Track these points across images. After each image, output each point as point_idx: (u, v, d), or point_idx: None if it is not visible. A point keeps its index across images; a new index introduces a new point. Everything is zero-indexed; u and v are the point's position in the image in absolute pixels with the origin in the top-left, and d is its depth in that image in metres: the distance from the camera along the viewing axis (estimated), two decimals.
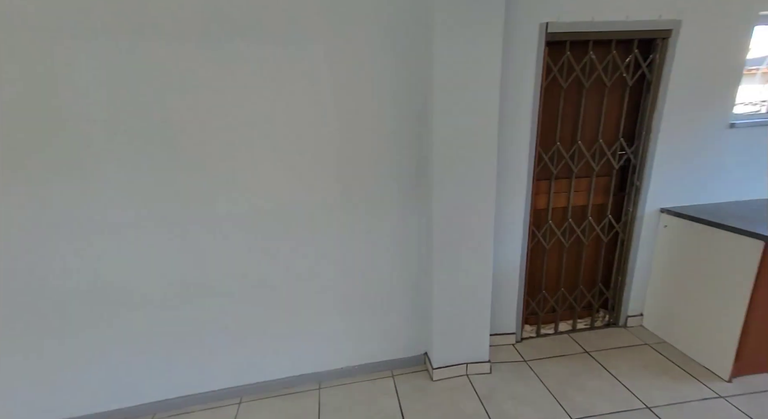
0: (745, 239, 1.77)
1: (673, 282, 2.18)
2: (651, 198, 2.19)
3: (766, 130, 2.19)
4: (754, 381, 1.88)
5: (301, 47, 1.59)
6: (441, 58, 1.59)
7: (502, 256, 2.14)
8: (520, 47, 1.83)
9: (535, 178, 2.07)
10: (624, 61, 1.99)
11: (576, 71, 1.96)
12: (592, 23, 1.84)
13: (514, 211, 2.08)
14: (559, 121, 2.05)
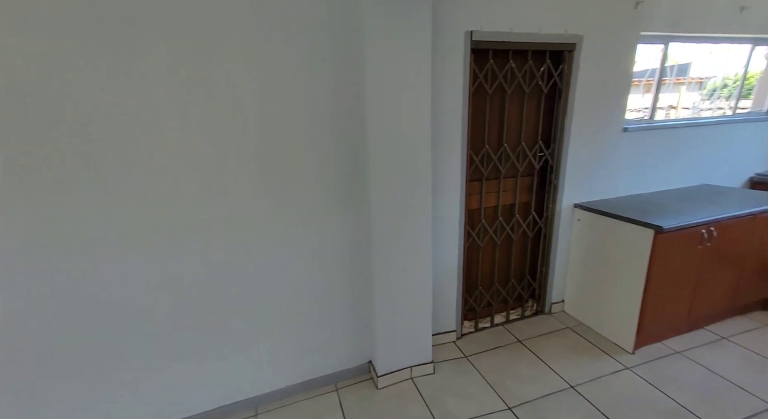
0: (640, 228, 2.05)
1: (585, 269, 2.44)
2: (566, 195, 2.44)
3: (650, 133, 2.57)
4: (651, 350, 2.19)
5: (217, 47, 1.44)
6: (372, 65, 1.57)
7: (441, 257, 2.19)
8: (448, 54, 1.89)
9: (468, 180, 2.16)
10: (539, 70, 2.17)
11: (499, 78, 2.08)
12: (510, 34, 1.97)
13: (450, 212, 2.15)
14: (487, 125, 2.17)
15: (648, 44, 2.49)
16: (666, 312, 2.18)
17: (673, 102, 3.27)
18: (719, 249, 2.17)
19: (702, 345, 2.22)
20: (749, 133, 2.95)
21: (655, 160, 2.64)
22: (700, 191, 2.65)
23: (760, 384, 1.89)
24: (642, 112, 2.80)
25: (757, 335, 2.29)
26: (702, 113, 3.09)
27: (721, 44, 2.75)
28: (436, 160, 2.00)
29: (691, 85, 3.27)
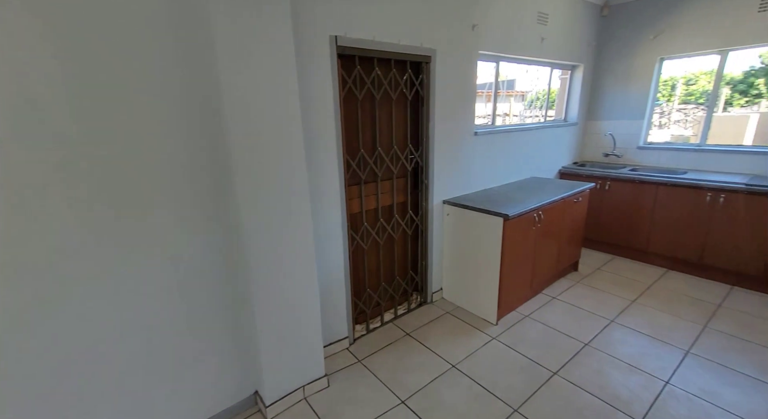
0: (492, 217, 2.43)
1: (456, 257, 2.78)
2: (436, 193, 2.71)
3: (494, 137, 3.09)
4: (509, 319, 2.64)
5: None
6: (229, 75, 1.40)
7: (327, 265, 2.15)
8: (315, 58, 1.85)
9: (347, 184, 2.18)
10: (402, 79, 2.34)
11: (367, 84, 2.16)
12: (374, 42, 2.06)
13: (332, 218, 2.13)
14: (360, 129, 2.22)
15: (485, 61, 2.98)
16: (516, 284, 2.66)
17: (507, 110, 4.02)
18: (546, 227, 2.77)
19: (541, 306, 2.80)
20: (557, 134, 3.86)
21: (499, 159, 3.19)
22: (530, 183, 3.32)
23: (578, 329, 2.48)
24: (486, 118, 3.35)
25: (572, 291, 3.01)
26: (526, 120, 3.89)
27: (533, 65, 3.50)
28: (313, 165, 1.95)
29: (517, 97, 4.08)
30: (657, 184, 3.27)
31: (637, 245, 3.51)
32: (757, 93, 8.10)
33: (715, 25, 3.18)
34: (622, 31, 3.75)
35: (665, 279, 3.17)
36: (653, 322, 2.53)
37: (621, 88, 3.87)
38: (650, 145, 3.81)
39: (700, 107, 3.68)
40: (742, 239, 2.89)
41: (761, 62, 7.54)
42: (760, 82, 7.78)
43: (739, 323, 2.48)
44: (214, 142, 1.53)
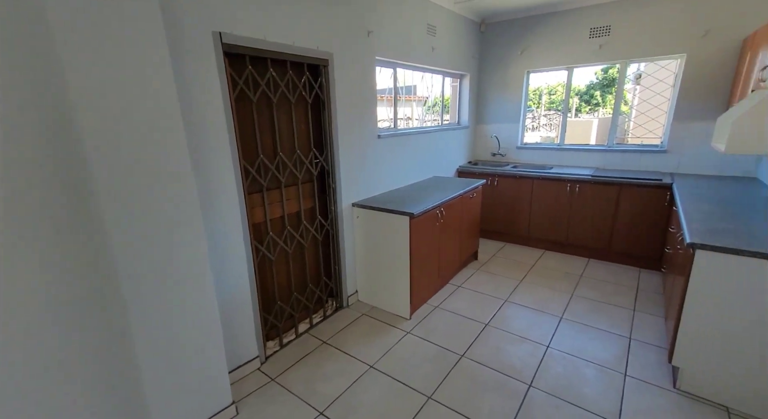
0: (400, 217, 2.55)
1: (369, 258, 2.84)
2: (345, 196, 2.72)
3: (396, 139, 3.25)
4: (422, 311, 2.80)
5: None
6: (79, 78, 1.17)
7: (228, 282, 1.98)
8: (197, 55, 1.68)
9: (247, 192, 2.03)
10: (300, 81, 2.29)
11: (262, 86, 2.05)
12: (266, 42, 1.97)
13: (232, 230, 1.96)
14: (258, 133, 2.10)
15: (384, 67, 3.11)
16: (426, 277, 2.85)
17: (409, 114, 4.27)
18: (448, 223, 3.02)
19: (449, 295, 3.05)
20: (453, 137, 4.24)
21: (402, 160, 3.37)
22: (432, 182, 3.58)
23: (480, 312, 2.77)
24: (389, 122, 3.50)
25: (474, 278, 3.36)
26: (426, 123, 4.18)
27: (427, 72, 3.79)
28: (205, 174, 1.77)
29: (418, 102, 4.36)
30: (532, 178, 3.86)
31: (521, 232, 4.08)
32: (596, 102, 10.18)
33: (562, 47, 3.90)
34: (497, 46, 4.31)
35: (543, 258, 3.76)
36: (536, 297, 2.97)
37: (500, 95, 4.46)
38: (526, 145, 4.47)
39: (559, 113, 4.46)
40: (592, 220, 3.60)
41: (596, 78, 9.50)
42: (597, 93, 9.79)
43: (595, 288, 3.09)
44: (65, 156, 1.27)
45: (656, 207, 3.24)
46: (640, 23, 3.44)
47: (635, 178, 3.32)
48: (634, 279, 3.23)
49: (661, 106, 3.67)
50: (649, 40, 3.44)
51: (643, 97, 3.74)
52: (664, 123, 3.63)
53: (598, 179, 3.47)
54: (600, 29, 3.65)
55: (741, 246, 1.65)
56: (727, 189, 2.80)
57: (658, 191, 3.21)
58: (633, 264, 3.49)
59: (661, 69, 3.60)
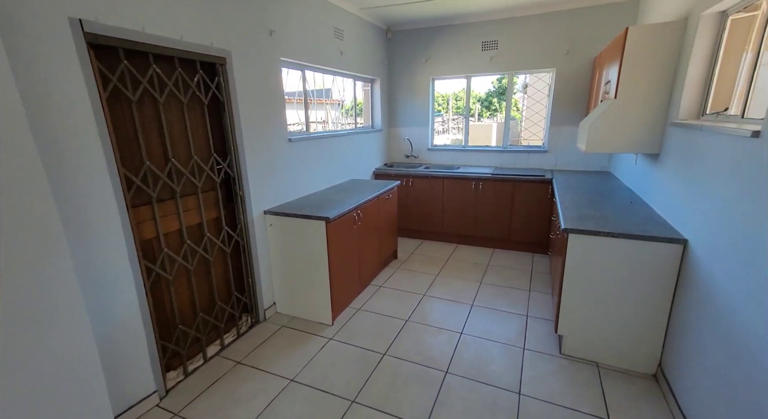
0: (315, 221, 2.50)
1: (286, 267, 2.72)
2: (255, 203, 2.57)
3: (310, 143, 3.18)
4: (343, 316, 2.79)
5: None
6: None
7: (113, 310, 1.70)
8: (51, 47, 1.41)
9: (130, 206, 1.77)
10: (193, 80, 2.09)
11: (143, 84, 1.81)
12: (144, 34, 1.74)
13: (113, 249, 1.69)
14: (142, 138, 1.85)
15: (291, 69, 3.03)
16: (347, 281, 2.84)
17: (324, 117, 4.22)
18: (365, 224, 3.06)
19: (371, 296, 3.09)
20: (368, 140, 4.33)
21: (317, 164, 3.31)
22: (349, 185, 3.60)
23: (400, 309, 2.87)
24: (301, 125, 3.41)
25: (394, 276, 3.47)
26: (344, 126, 4.19)
27: (338, 76, 3.80)
28: (72, 186, 1.49)
29: (334, 105, 4.34)
30: (443, 178, 4.15)
31: (436, 228, 4.36)
32: (495, 108, 11.31)
33: (460, 57, 4.28)
34: (404, 53, 4.54)
35: (457, 252, 4.07)
36: (451, 288, 3.20)
37: (409, 100, 4.70)
38: (436, 147, 4.79)
39: (463, 117, 4.88)
40: (494, 214, 4.02)
41: (493, 86, 10.50)
42: (495, 100, 10.83)
43: (499, 275, 3.45)
44: None
45: (542, 199, 3.76)
46: (521, 40, 3.97)
47: (524, 175, 3.81)
48: (529, 264, 3.70)
49: (542, 113, 4.28)
50: (528, 54, 3.98)
51: (529, 104, 4.31)
52: (544, 127, 4.24)
53: (497, 177, 3.89)
54: (490, 43, 4.10)
55: (599, 229, 2.01)
56: (589, 181, 3.39)
57: (542, 185, 3.73)
58: (528, 250, 4.00)
59: (539, 80, 4.19)
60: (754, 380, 1.23)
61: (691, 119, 2.10)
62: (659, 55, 2.25)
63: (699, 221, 1.73)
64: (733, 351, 1.37)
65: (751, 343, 1.26)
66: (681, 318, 1.83)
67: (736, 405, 1.31)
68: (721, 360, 1.44)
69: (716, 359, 1.48)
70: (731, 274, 1.42)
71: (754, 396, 1.22)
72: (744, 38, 1.83)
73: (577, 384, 2.01)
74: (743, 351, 1.30)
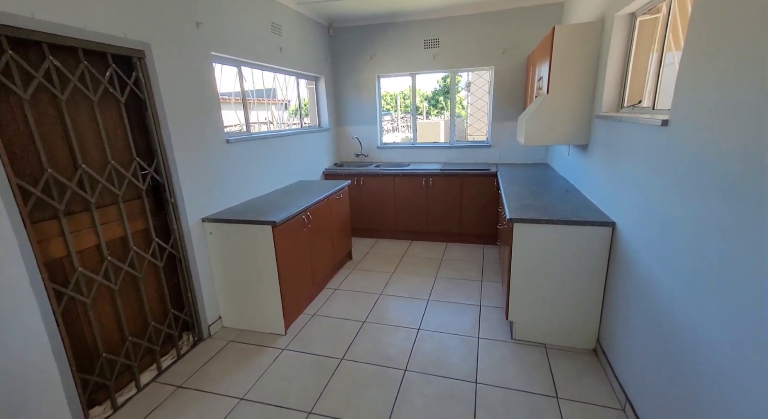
0: (260, 227, 2.35)
1: (231, 278, 2.54)
2: (190, 211, 2.35)
3: (252, 144, 3.00)
4: (297, 324, 2.66)
5: None
6: None
7: (10, 344, 1.44)
8: None
9: (28, 221, 1.52)
10: (105, 75, 1.85)
11: (37, 78, 1.56)
12: (35, 20, 1.50)
13: (7, 274, 1.43)
14: (40, 141, 1.59)
15: (225, 65, 2.82)
16: (299, 286, 2.72)
17: (268, 118, 4.01)
18: (316, 226, 2.96)
19: (326, 300, 2.99)
20: (315, 140, 4.20)
21: (261, 166, 3.14)
22: (297, 187, 3.46)
23: (357, 311, 2.81)
24: (241, 125, 3.21)
25: (350, 278, 3.40)
26: (291, 126, 4.02)
27: (279, 74, 3.64)
28: None
29: (279, 106, 4.15)
30: (394, 175, 4.15)
31: (390, 226, 4.35)
32: (441, 106, 11.63)
33: (404, 55, 4.31)
34: (348, 50, 4.48)
35: (411, 248, 4.10)
36: (407, 285, 3.20)
37: (356, 98, 4.64)
38: (385, 145, 4.79)
39: (410, 115, 4.93)
40: (445, 208, 4.10)
41: (439, 85, 10.80)
42: (441, 98, 11.13)
43: (453, 268, 3.52)
44: None
45: (489, 192, 3.91)
46: (461, 39, 4.09)
47: (472, 170, 3.94)
48: (480, 255, 3.83)
49: (484, 109, 4.46)
50: (468, 53, 4.11)
51: (472, 101, 4.47)
52: (487, 123, 4.42)
53: (446, 172, 3.98)
54: (431, 41, 4.18)
55: (539, 217, 2.12)
56: (530, 173, 3.59)
57: (488, 179, 3.88)
58: (479, 242, 4.14)
59: (480, 78, 4.36)
60: (673, 344, 1.35)
61: (611, 112, 2.28)
62: (583, 52, 2.42)
63: (624, 204, 1.88)
64: (655, 319, 1.50)
65: (670, 311, 1.39)
66: (612, 294, 1.98)
67: (662, 369, 1.44)
68: (646, 328, 1.57)
69: (642, 328, 1.61)
70: (651, 250, 1.56)
71: (676, 358, 1.34)
72: (651, 37, 2.03)
73: (528, 367, 2.10)
74: (664, 318, 1.43)
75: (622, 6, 2.06)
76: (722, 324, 1.10)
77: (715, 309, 1.14)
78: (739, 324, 1.03)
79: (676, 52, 1.68)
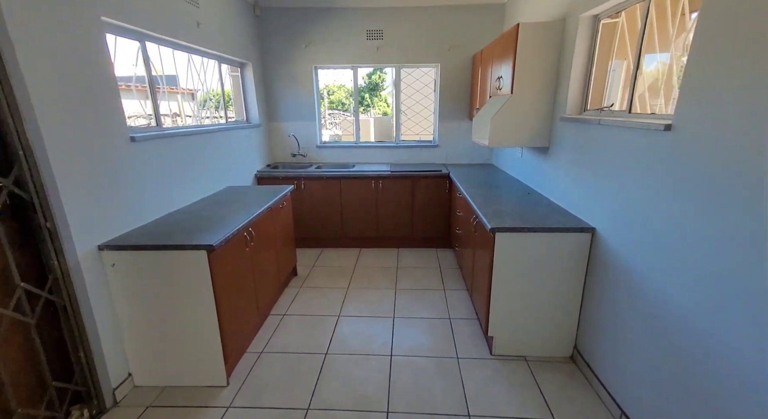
0: (191, 253, 1.82)
1: (145, 320, 1.93)
2: (80, 236, 1.70)
3: (165, 142, 2.36)
4: (241, 368, 2.17)
5: None
6: None
7: None
8: None
9: None
10: None
11: None
12: None
13: None
14: None
15: (125, 37, 2.15)
16: (241, 320, 2.22)
17: (177, 110, 3.28)
18: (260, 243, 2.46)
19: (274, 330, 2.53)
20: (243, 137, 3.61)
21: (181, 170, 2.51)
22: (228, 194, 2.88)
23: (314, 341, 2.41)
24: (146, 119, 2.52)
25: (299, 299, 2.96)
26: (204, 121, 3.35)
27: (196, 55, 2.99)
28: None
29: (185, 95, 3.43)
30: (340, 178, 3.78)
31: (336, 234, 3.98)
32: (367, 104, 11.42)
33: (345, 45, 3.97)
34: (279, 35, 3.95)
35: (362, 257, 3.80)
36: (366, 302, 2.90)
37: (291, 90, 4.14)
38: (326, 144, 4.38)
39: (340, 112, 4.60)
40: (396, 212, 3.89)
41: (364, 82, 10.57)
42: (367, 95, 10.90)
43: (411, 278, 3.32)
44: None
45: (441, 194, 3.81)
46: (406, 33, 3.90)
47: (423, 171, 3.79)
48: (435, 260, 3.71)
49: (430, 107, 4.36)
50: (414, 48, 3.95)
51: (417, 99, 4.33)
52: (433, 122, 4.33)
53: (396, 174, 3.76)
54: (375, 32, 3.91)
55: (521, 225, 2.01)
56: (481, 174, 3.58)
57: (440, 180, 3.78)
58: (431, 246, 4.03)
59: (425, 75, 4.24)
60: (655, 335, 1.35)
61: (575, 114, 2.30)
62: (546, 52, 2.40)
63: (604, 209, 1.87)
64: (645, 319, 1.52)
65: (658, 307, 1.42)
66: (594, 298, 1.98)
67: (662, 369, 1.41)
68: (640, 330, 1.56)
69: (636, 330, 1.59)
70: (644, 254, 1.54)
71: (657, 344, 1.31)
72: (611, 41, 2.07)
73: (516, 387, 1.99)
74: (661, 320, 1.41)
75: (588, 8, 2.06)
76: (730, 326, 1.10)
77: (721, 313, 1.15)
78: (749, 325, 1.00)
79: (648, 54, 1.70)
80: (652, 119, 1.55)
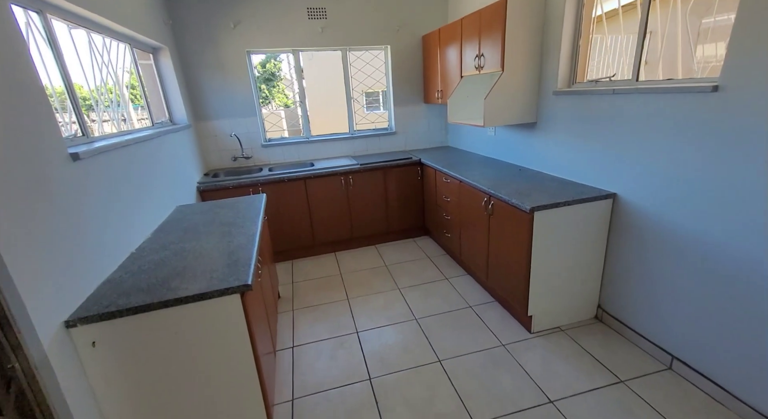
0: (220, 300, 1.39)
1: (153, 401, 1.43)
2: (38, 313, 1.13)
3: (106, 158, 1.73)
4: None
5: None
6: None
7: None
8: None
9: None
10: None
11: None
12: None
13: None
14: None
15: (23, 8, 1.47)
16: (270, 368, 1.83)
17: None
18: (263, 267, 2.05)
19: (291, 371, 2.16)
20: (175, 142, 2.91)
21: (128, 194, 1.90)
22: (186, 218, 2.30)
23: (344, 369, 2.15)
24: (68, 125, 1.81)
25: (299, 327, 2.60)
26: (135, 124, 2.60)
27: (97, 35, 2.27)
28: None
29: None
30: (303, 178, 3.40)
31: (305, 242, 3.61)
32: (265, 95, 10.58)
33: (284, 25, 3.51)
34: (199, 13, 3.28)
35: (342, 263, 3.53)
36: (376, 309, 2.71)
37: (221, 81, 3.51)
38: (272, 142, 3.88)
39: (298, 103, 4.14)
40: (371, 207, 3.71)
41: (258, 72, 9.73)
42: (264, 87, 10.13)
43: (407, 274, 3.22)
44: None
45: (413, 182, 3.75)
46: (352, 12, 3.64)
47: (393, 160, 3.66)
48: (419, 251, 3.67)
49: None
50: (361, 28, 3.72)
51: (368, 84, 4.13)
52: (388, 109, 4.20)
53: (366, 167, 3.56)
54: (317, 10, 3.55)
55: (554, 201, 2.09)
56: (452, 157, 3.62)
57: (412, 168, 3.71)
58: (407, 236, 3.97)
59: (375, 58, 4.05)
60: (695, 272, 1.62)
61: (565, 87, 2.47)
62: (532, 27, 2.48)
63: (627, 175, 2.06)
64: (682, 263, 1.81)
65: (692, 247, 1.77)
66: (618, 258, 2.20)
67: (688, 302, 1.67)
68: (669, 273, 1.83)
69: (666, 276, 1.86)
70: (680, 207, 1.78)
71: (698, 281, 1.58)
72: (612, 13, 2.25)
73: (572, 359, 2.09)
74: (689, 258, 1.70)
75: None
76: None
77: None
78: None
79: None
80: (693, 83, 1.71)
